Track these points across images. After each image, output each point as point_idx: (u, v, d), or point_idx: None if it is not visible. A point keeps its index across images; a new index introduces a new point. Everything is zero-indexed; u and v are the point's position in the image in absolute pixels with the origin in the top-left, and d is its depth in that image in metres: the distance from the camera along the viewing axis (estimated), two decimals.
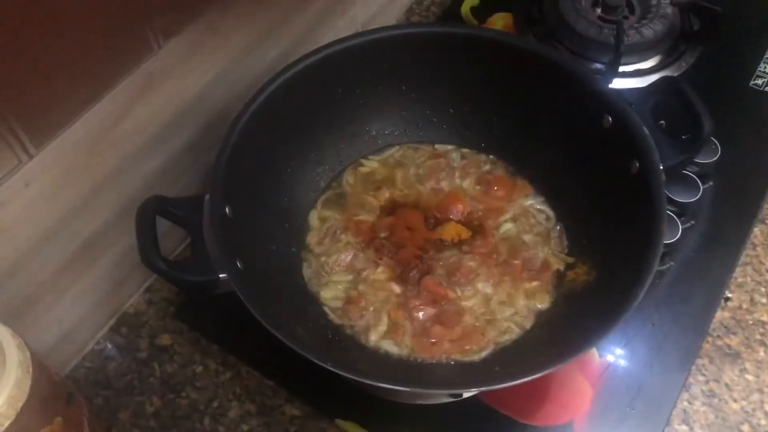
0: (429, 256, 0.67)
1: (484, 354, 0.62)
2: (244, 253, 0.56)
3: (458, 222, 0.70)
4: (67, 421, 0.51)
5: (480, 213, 0.70)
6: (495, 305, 0.65)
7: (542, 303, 0.65)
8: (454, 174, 0.73)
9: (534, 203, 0.71)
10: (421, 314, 0.64)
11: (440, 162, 0.74)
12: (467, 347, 0.62)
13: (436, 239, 0.68)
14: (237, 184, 0.59)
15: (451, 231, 0.69)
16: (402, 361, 0.62)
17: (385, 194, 0.72)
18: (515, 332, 0.63)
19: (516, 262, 0.67)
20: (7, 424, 0.44)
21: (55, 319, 0.63)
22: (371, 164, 0.74)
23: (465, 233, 0.69)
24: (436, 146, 0.75)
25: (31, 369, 0.47)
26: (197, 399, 0.66)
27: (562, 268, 0.66)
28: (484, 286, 0.66)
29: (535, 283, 0.66)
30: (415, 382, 0.55)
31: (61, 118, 0.54)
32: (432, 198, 0.72)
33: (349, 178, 0.73)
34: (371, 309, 0.64)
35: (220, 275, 0.54)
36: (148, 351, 0.69)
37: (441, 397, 0.63)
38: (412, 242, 0.68)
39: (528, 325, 0.64)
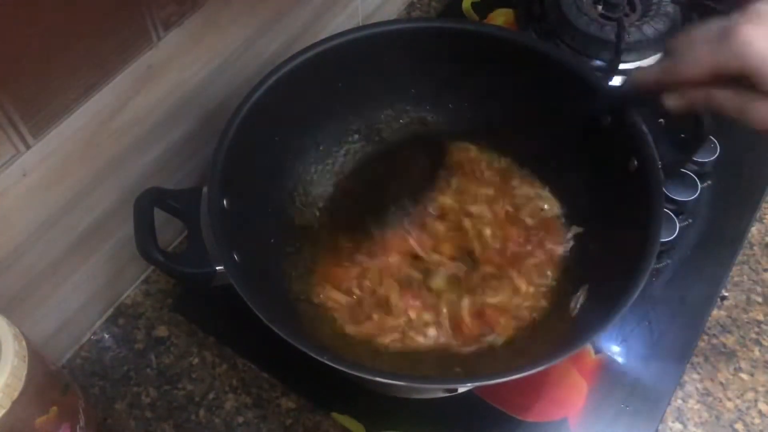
0: None
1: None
2: (241, 246, 0.56)
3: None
4: (63, 411, 0.52)
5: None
6: None
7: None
8: None
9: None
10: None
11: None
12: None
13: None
14: (235, 176, 0.59)
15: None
16: (398, 355, 0.62)
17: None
18: None
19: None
20: (2, 413, 0.45)
21: (53, 309, 0.63)
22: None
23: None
24: None
25: (27, 358, 0.47)
26: (193, 390, 0.66)
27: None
28: None
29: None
30: (411, 377, 0.56)
31: (59, 108, 0.54)
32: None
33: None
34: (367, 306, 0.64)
35: (217, 268, 0.54)
36: (145, 342, 0.69)
37: (436, 391, 0.63)
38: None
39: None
